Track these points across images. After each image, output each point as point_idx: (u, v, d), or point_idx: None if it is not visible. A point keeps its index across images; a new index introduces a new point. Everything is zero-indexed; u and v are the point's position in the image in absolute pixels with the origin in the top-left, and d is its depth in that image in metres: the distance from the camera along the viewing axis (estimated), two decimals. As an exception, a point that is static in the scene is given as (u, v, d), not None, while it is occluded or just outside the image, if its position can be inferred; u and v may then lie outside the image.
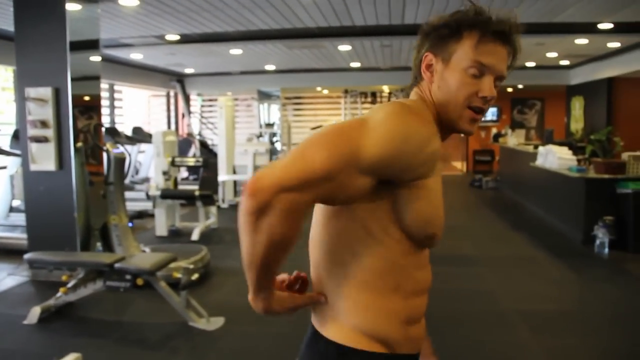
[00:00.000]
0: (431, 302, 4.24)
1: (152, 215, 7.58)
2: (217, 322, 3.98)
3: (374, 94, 13.29)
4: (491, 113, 14.92)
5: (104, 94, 10.53)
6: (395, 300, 1.14)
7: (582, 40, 8.01)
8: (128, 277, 3.97)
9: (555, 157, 7.16)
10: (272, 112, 15.53)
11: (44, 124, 5.08)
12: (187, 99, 13.47)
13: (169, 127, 13.57)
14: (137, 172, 10.61)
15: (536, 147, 9.29)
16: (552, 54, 9.66)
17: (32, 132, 5.11)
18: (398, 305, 1.14)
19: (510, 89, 14.20)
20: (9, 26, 5.67)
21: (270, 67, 11.75)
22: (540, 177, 8.21)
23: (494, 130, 13.51)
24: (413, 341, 1.21)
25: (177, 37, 7.66)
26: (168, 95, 13.77)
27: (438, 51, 1.20)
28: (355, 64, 11.22)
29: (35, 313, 4.10)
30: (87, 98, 5.45)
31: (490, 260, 5.85)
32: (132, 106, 13.45)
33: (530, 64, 11.08)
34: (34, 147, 5.12)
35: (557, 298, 4.67)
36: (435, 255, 4.75)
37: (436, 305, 4.42)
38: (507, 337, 3.83)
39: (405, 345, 1.17)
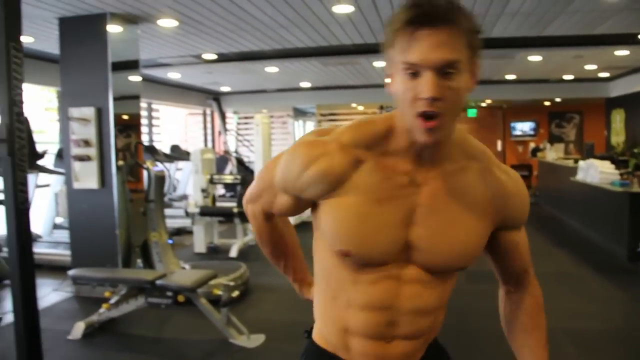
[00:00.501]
0: (472, 320, 4.19)
1: (190, 232, 7.66)
2: (257, 340, 3.99)
3: (409, 110, 13.22)
4: (528, 127, 14.73)
5: (143, 113, 10.74)
6: (333, 308, 1.22)
7: (622, 52, 7.85)
8: (169, 293, 4.02)
9: (597, 171, 7.00)
10: (307, 129, 15.60)
11: (86, 143, 5.20)
12: (223, 117, 13.63)
13: (205, 144, 13.74)
14: (174, 189, 10.76)
15: (576, 161, 9.11)
16: (591, 67, 9.49)
17: (75, 151, 5.24)
18: (336, 313, 1.22)
19: (547, 103, 13.98)
20: (54, 49, 5.84)
21: (305, 84, 11.82)
22: (581, 191, 8.04)
23: (532, 145, 13.29)
24: (364, 356, 1.21)
25: (214, 56, 7.78)
26: (204, 113, 13.97)
27: (388, 57, 1.10)
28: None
29: (79, 328, 4.17)
30: (127, 117, 5.57)
31: (531, 276, 5.73)
32: (170, 124, 13.68)
33: (568, 76, 10.90)
34: (77, 165, 5.24)
35: (603, 316, 4.54)
36: (473, 272, 4.68)
37: (478, 323, 4.37)
38: (553, 356, 3.73)
39: (350, 355, 1.22)
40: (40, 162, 5.89)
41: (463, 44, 1.03)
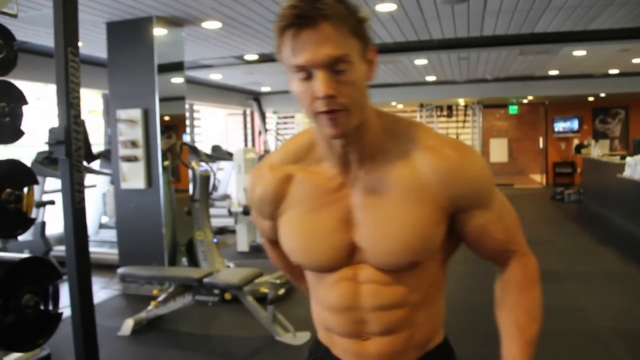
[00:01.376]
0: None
1: (233, 232, 7.75)
2: (303, 337, 4.01)
3: (449, 107, 13.11)
4: (571, 123, 14.43)
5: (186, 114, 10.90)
6: (315, 309, 1.29)
7: (671, 45, 7.63)
8: (216, 291, 4.08)
9: (646, 168, 6.83)
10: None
11: (133, 144, 5.31)
12: (263, 117, 13.74)
13: (245, 144, 13.87)
14: (216, 189, 10.89)
15: (623, 157, 8.88)
16: (638, 60, 9.23)
17: (123, 152, 5.36)
18: (318, 313, 1.28)
19: (591, 98, 13.67)
20: (102, 53, 5.99)
21: (344, 83, 11.82)
22: (628, 188, 7.83)
23: (575, 142, 13.02)
24: (346, 353, 1.23)
25: (256, 57, 7.84)
26: (245, 114, 14.10)
27: (285, 68, 1.07)
28: (430, 78, 11.12)
29: (128, 325, 4.27)
30: (171, 118, 5.66)
31: (578, 275, 5.61)
32: (211, 125, 13.85)
33: (614, 71, 10.62)
34: (124, 166, 5.36)
35: (655, 316, 4.42)
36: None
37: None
38: (602, 356, 3.66)
39: (336, 350, 1.26)
40: (91, 164, 6.04)
41: (348, 36, 1.00)
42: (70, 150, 2.49)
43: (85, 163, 3.48)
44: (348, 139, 1.08)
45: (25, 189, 2.16)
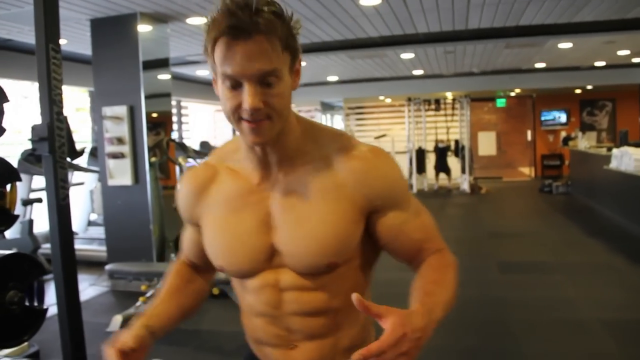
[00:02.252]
0: (505, 311, 4.17)
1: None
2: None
3: (437, 101, 13.14)
4: (559, 116, 14.52)
5: (173, 110, 10.87)
6: (246, 319, 1.26)
7: (656, 37, 7.69)
8: (204, 286, 4.08)
9: (632, 159, 6.88)
10: (335, 123, 15.62)
11: (120, 141, 5.30)
12: (251, 113, 13.70)
13: (234, 140, 13.84)
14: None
15: (609, 149, 8.95)
16: (623, 52, 9.30)
17: (109, 148, 5.35)
18: (248, 324, 1.25)
19: (578, 91, 13.75)
20: (86, 50, 5.96)
21: (332, 78, 11.83)
22: (615, 180, 7.90)
23: (563, 134, 13.11)
24: None
25: (242, 53, 7.82)
26: (232, 110, 14.06)
27: (210, 69, 1.08)
28: (418, 72, 11.15)
29: (117, 321, 4.27)
30: (158, 115, 5.65)
31: (566, 267, 5.66)
32: (198, 121, 13.81)
33: (600, 63, 10.69)
34: (111, 163, 5.35)
35: (640, 306, 4.48)
36: (510, 262, 4.67)
37: (510, 314, 4.35)
38: (590, 346, 3.70)
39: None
40: (76, 160, 6.01)
41: (280, 50, 1.01)
42: (53, 146, 2.49)
43: (69, 160, 3.47)
44: (268, 143, 1.10)
45: (9, 186, 2.16)
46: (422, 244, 1.19)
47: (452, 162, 13.18)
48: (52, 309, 2.55)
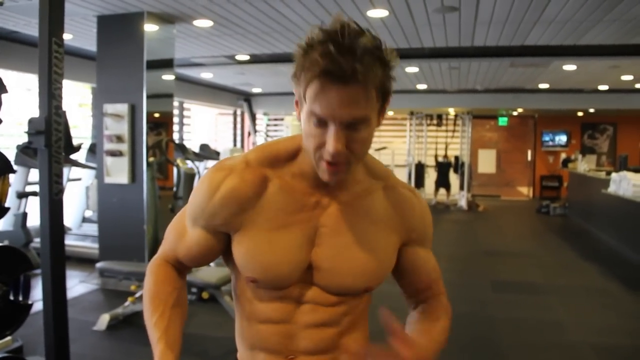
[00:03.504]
0: (498, 330, 4.14)
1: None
2: (279, 339, 4.00)
3: (439, 116, 13.15)
4: (560, 137, 14.54)
5: (174, 111, 10.88)
6: (242, 327, 1.23)
7: (660, 64, 7.71)
8: (194, 290, 4.06)
9: (630, 184, 6.87)
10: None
11: (119, 139, 5.29)
12: (253, 118, 13.72)
13: (235, 144, 13.85)
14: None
15: (608, 173, 8.96)
16: (627, 77, 9.32)
17: (108, 146, 5.33)
18: (244, 332, 1.23)
19: (580, 113, 13.77)
20: (91, 46, 5.96)
21: (335, 87, 11.83)
22: (613, 204, 7.89)
23: (563, 156, 13.11)
24: None
25: (247, 57, 7.84)
26: (235, 114, 14.08)
27: (297, 90, 1.04)
28: (421, 86, 11.17)
29: (104, 320, 4.24)
30: (159, 115, 5.64)
31: (559, 289, 5.64)
32: (200, 123, 13.82)
33: (603, 87, 10.72)
34: (109, 160, 5.33)
35: (633, 332, 4.43)
36: (503, 281, 4.65)
37: (504, 334, 4.32)
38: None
39: None
40: (74, 156, 6.00)
41: (374, 97, 1.00)
42: (50, 140, 2.48)
43: (65, 155, 3.45)
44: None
45: (1, 178, 2.14)
46: (431, 283, 1.30)
47: (451, 178, 13.18)
48: (39, 304, 2.52)
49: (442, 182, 13.17)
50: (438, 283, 1.32)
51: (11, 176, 2.49)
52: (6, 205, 2.44)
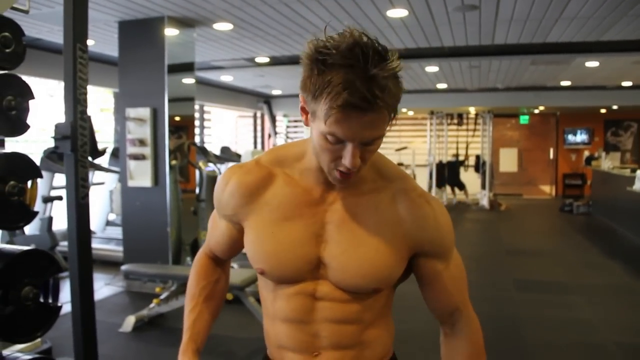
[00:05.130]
0: (522, 329, 4.09)
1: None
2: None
3: (460, 116, 13.07)
4: (583, 135, 14.36)
5: (195, 114, 10.96)
6: (267, 325, 1.27)
7: (685, 58, 7.58)
8: (218, 291, 4.07)
9: (656, 182, 6.78)
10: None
11: (142, 143, 5.34)
12: (273, 120, 13.77)
13: (255, 147, 13.90)
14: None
15: (633, 170, 8.83)
16: (651, 73, 9.19)
17: (131, 150, 5.39)
18: (270, 330, 1.26)
19: (603, 110, 13.59)
20: (113, 52, 6.03)
21: (354, 88, 11.82)
22: (638, 202, 7.78)
23: (586, 153, 12.95)
24: None
25: (267, 60, 7.87)
26: (255, 116, 14.14)
27: (306, 100, 1.05)
28: (441, 85, 11.11)
29: (130, 322, 4.29)
30: (181, 118, 5.69)
31: (584, 288, 5.57)
32: (221, 126, 13.90)
33: (627, 83, 10.56)
34: (132, 164, 5.39)
35: (660, 331, 4.38)
36: (527, 280, 4.61)
37: (527, 332, 4.28)
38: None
39: None
40: (97, 160, 6.08)
41: (387, 119, 1.04)
42: (75, 145, 2.52)
43: (90, 159, 3.50)
44: None
45: (30, 183, 2.18)
46: (459, 304, 1.28)
47: (472, 177, 13.10)
48: (67, 307, 2.56)
49: (452, 180, 13.15)
50: (463, 302, 1.29)
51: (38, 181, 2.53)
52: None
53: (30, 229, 5.78)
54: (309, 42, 1.03)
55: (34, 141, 6.88)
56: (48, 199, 5.55)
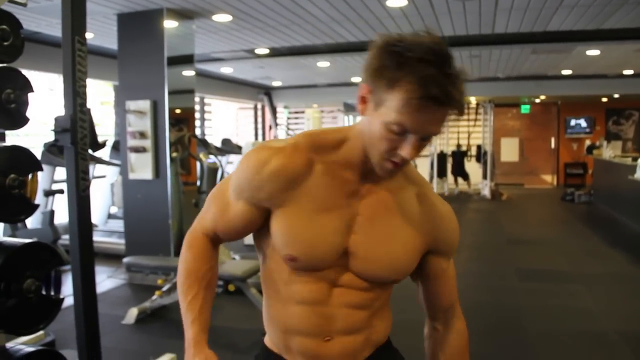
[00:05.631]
0: (523, 318, 4.10)
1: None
2: (305, 330, 4.02)
3: (461, 105, 13.03)
4: (584, 124, 14.33)
5: (196, 107, 10.95)
6: (274, 310, 1.26)
7: (687, 46, 7.55)
8: (220, 282, 4.10)
9: (658, 170, 6.77)
10: (357, 124, 15.60)
11: (142, 135, 5.34)
12: (274, 111, 13.75)
13: (256, 138, 13.89)
14: (225, 182, 10.89)
15: (635, 159, 8.82)
16: (653, 61, 9.15)
17: (131, 142, 5.39)
18: (277, 314, 1.25)
19: (605, 99, 13.55)
20: (112, 44, 6.02)
21: (356, 79, 11.79)
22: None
23: (587, 142, 12.92)
24: (305, 356, 1.24)
25: (267, 51, 7.85)
26: (255, 108, 14.12)
27: (374, 89, 1.08)
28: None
29: (132, 314, 4.31)
30: (181, 110, 5.69)
31: (585, 277, 5.58)
32: (221, 118, 13.89)
33: (628, 71, 10.52)
34: (132, 156, 5.40)
35: (662, 319, 4.39)
36: (528, 270, 4.61)
37: (531, 322, 4.29)
38: (607, 359, 3.64)
39: (291, 356, 1.26)
40: (99, 153, 6.08)
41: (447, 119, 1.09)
42: (75, 138, 2.51)
43: (90, 151, 3.50)
44: None
45: (30, 176, 2.18)
46: (455, 300, 1.38)
47: (473, 167, 13.10)
48: (69, 300, 2.57)
49: (458, 171, 13.26)
50: (456, 300, 1.39)
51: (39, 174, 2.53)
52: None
53: (32, 223, 5.79)
54: (380, 34, 1.08)
55: (35, 135, 6.88)
56: (49, 193, 5.56)
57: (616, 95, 12.81)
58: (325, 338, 1.22)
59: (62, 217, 5.86)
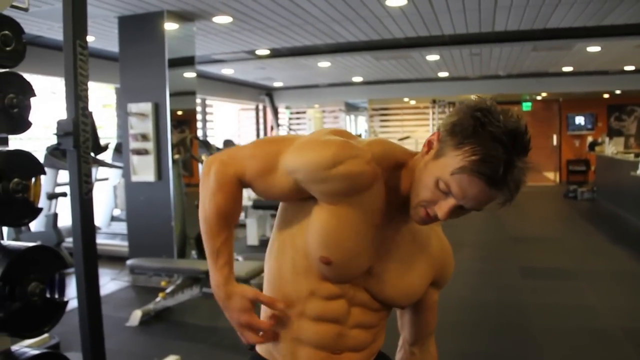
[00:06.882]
0: (527, 316, 4.10)
1: (243, 225, 7.78)
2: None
3: (462, 104, 13.03)
4: (586, 121, 14.31)
5: (197, 108, 10.96)
6: (290, 314, 1.24)
7: (688, 42, 7.53)
8: (223, 283, 4.09)
9: (660, 166, 6.76)
10: (359, 124, 15.60)
11: (144, 137, 5.36)
12: (275, 112, 13.76)
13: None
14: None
15: (637, 155, 8.81)
16: (654, 57, 9.14)
17: (133, 145, 5.41)
18: (288, 322, 1.24)
19: (606, 95, 13.52)
20: (113, 47, 6.03)
21: (357, 78, 11.81)
22: (642, 187, 7.77)
23: (590, 139, 12.90)
24: None
25: (267, 52, 7.87)
26: (257, 109, 14.13)
27: (443, 140, 1.10)
28: (443, 74, 11.08)
29: (136, 316, 4.32)
30: (182, 112, 5.70)
31: (588, 274, 5.57)
32: (223, 119, 13.91)
33: (629, 67, 10.50)
34: (135, 159, 5.41)
35: (665, 315, 4.38)
36: (532, 267, 4.61)
37: (535, 319, 4.29)
38: (612, 356, 3.64)
39: None
40: (101, 156, 6.09)
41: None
42: (78, 141, 2.52)
43: (93, 154, 3.51)
44: None
45: (33, 179, 2.19)
46: (433, 329, 1.47)
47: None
48: (73, 302, 2.58)
49: None
50: (433, 335, 1.50)
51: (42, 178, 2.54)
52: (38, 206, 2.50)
53: (36, 226, 5.81)
54: (477, 97, 1.15)
55: (38, 138, 6.90)
56: (52, 196, 5.58)
57: (618, 92, 12.80)
58: (336, 352, 1.25)
59: (65, 220, 5.89)
